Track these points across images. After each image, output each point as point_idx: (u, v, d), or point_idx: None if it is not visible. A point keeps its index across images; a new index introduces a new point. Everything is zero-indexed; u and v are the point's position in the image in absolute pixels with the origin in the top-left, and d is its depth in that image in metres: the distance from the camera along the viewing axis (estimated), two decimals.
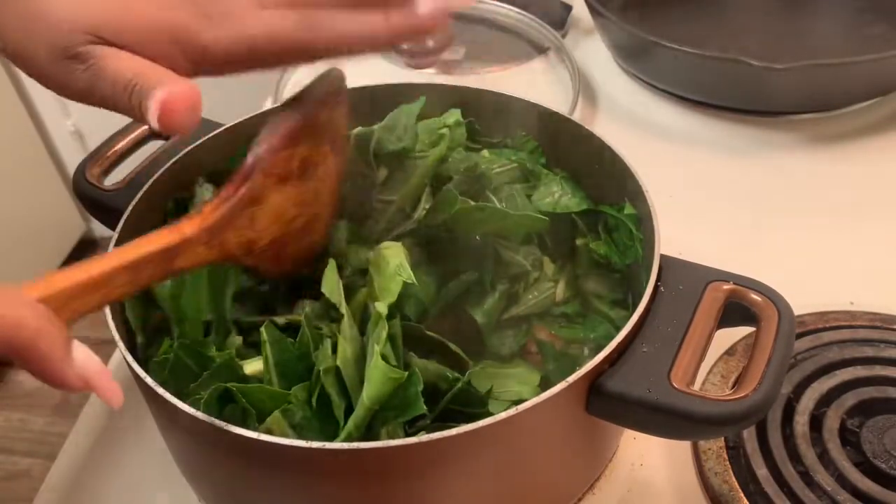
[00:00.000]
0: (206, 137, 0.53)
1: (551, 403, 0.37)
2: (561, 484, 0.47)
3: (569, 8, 0.95)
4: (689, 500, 0.49)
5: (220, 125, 0.55)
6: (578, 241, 0.53)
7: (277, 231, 0.42)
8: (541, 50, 0.90)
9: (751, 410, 0.38)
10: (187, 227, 0.38)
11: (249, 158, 0.40)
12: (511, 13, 0.92)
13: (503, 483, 0.42)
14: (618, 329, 0.41)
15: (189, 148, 0.52)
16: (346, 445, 0.36)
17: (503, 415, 0.36)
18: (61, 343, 0.30)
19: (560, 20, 0.93)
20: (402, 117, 0.54)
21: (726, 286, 0.44)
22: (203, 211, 0.39)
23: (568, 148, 0.55)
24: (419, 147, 0.53)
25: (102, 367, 0.31)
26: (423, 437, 0.35)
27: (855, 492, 0.47)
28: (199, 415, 0.37)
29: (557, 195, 0.53)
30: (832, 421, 0.50)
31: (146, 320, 0.48)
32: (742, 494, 0.48)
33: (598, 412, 0.41)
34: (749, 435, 0.50)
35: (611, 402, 0.40)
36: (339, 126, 0.46)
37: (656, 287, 0.43)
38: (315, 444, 0.36)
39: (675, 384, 0.39)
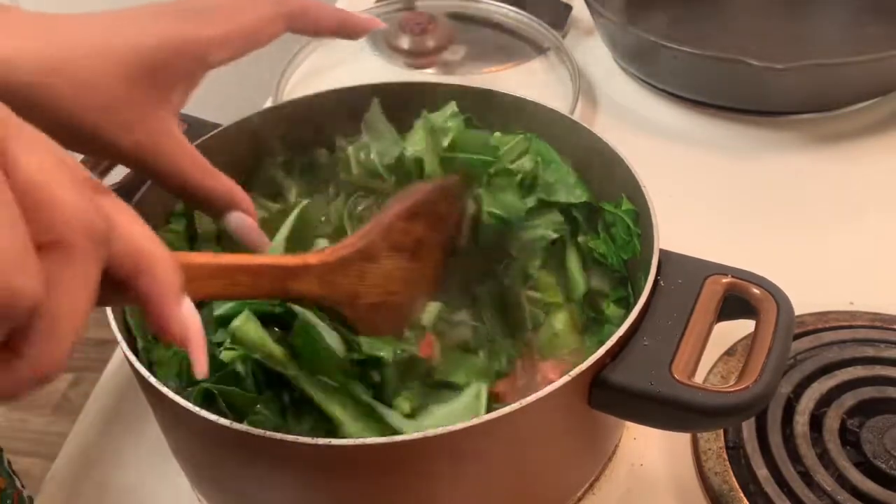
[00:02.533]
0: (206, 137, 0.53)
1: (554, 397, 0.38)
2: (562, 479, 0.48)
3: (569, 8, 0.94)
4: (689, 500, 0.49)
5: (218, 125, 0.55)
6: (580, 239, 0.54)
7: (380, 295, 0.45)
8: (541, 50, 0.90)
9: (752, 401, 0.39)
10: (309, 258, 0.41)
11: (373, 220, 0.45)
12: (511, 13, 0.92)
13: (505, 478, 0.43)
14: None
15: None
16: (351, 442, 0.36)
17: (506, 409, 0.36)
18: (178, 283, 0.29)
19: (560, 20, 0.93)
20: (378, 124, 0.55)
21: (725, 279, 0.44)
22: (325, 250, 0.42)
23: (566, 145, 0.55)
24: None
25: (201, 329, 0.31)
26: (429, 433, 0.36)
27: (855, 492, 0.47)
28: (203, 413, 0.37)
29: (560, 185, 0.54)
30: (832, 421, 0.50)
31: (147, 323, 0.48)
32: (742, 494, 0.48)
33: (600, 405, 0.41)
34: (749, 435, 0.50)
35: (613, 396, 0.40)
36: (452, 228, 0.52)
37: (656, 281, 0.44)
38: (321, 441, 0.36)
39: (676, 376, 0.39)
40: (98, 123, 0.40)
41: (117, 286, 0.27)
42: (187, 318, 0.30)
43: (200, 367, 0.31)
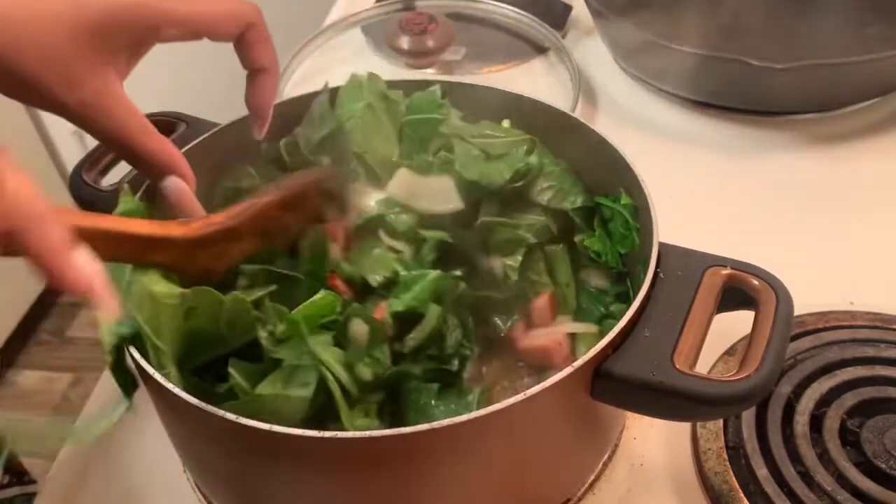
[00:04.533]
0: (203, 137, 0.53)
1: (556, 389, 0.38)
2: (563, 473, 0.48)
3: (569, 8, 0.94)
4: (689, 500, 0.49)
5: (216, 125, 0.55)
6: (576, 238, 0.54)
7: (230, 271, 0.46)
8: (541, 50, 0.90)
9: (753, 390, 0.39)
10: (175, 230, 0.42)
11: (248, 202, 0.45)
12: (511, 13, 0.92)
13: (507, 471, 0.43)
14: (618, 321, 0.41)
15: (186, 148, 0.52)
16: (357, 434, 0.36)
17: (510, 401, 0.36)
18: (64, 236, 0.32)
19: (560, 20, 0.93)
20: (316, 108, 0.55)
21: (724, 271, 0.44)
22: (192, 224, 0.43)
23: (564, 142, 0.55)
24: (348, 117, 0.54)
25: (102, 273, 0.33)
26: (434, 424, 0.36)
27: (855, 492, 0.47)
28: (205, 406, 0.37)
29: (556, 189, 0.53)
30: (832, 421, 0.50)
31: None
32: (742, 494, 0.48)
33: (602, 397, 0.41)
34: (749, 435, 0.50)
35: (615, 386, 0.41)
36: (322, 215, 0.50)
37: (656, 273, 0.44)
38: (327, 434, 0.36)
39: (678, 366, 0.40)
40: (42, 77, 0.40)
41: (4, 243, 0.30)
42: (82, 266, 0.33)
43: (112, 309, 0.34)
